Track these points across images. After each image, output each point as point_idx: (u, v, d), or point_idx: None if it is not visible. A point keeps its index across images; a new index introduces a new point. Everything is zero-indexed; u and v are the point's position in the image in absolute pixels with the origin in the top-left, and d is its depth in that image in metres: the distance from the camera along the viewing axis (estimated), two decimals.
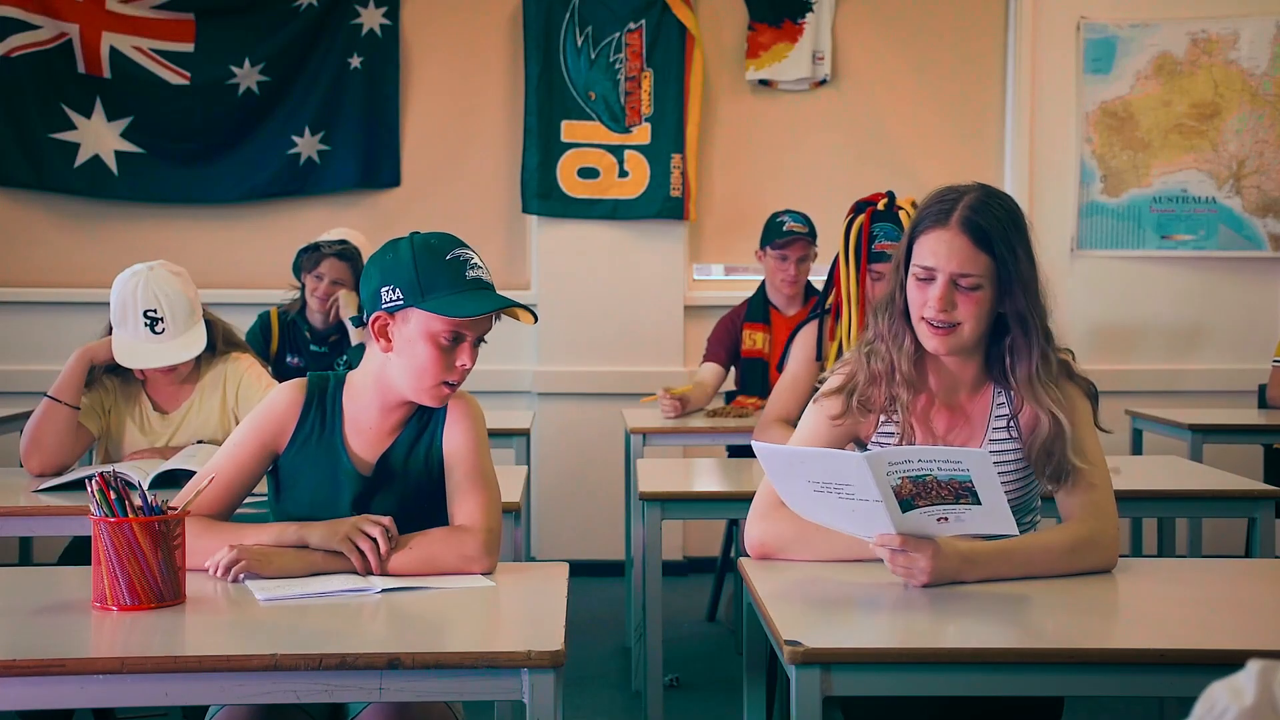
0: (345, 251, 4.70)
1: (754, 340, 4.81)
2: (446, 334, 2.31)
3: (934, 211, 2.35)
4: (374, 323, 2.34)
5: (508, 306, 2.33)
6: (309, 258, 4.71)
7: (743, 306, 4.90)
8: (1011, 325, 2.37)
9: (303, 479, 2.40)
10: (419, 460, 2.40)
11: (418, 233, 2.36)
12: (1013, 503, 2.27)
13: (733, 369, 4.85)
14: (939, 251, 2.32)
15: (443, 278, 2.30)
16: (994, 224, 2.31)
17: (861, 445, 2.46)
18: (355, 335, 4.60)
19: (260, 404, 2.45)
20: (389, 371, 2.37)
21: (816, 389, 2.51)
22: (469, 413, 2.43)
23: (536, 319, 2.37)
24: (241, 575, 2.22)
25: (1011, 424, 2.41)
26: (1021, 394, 2.37)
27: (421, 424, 2.42)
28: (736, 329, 4.85)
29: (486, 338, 2.37)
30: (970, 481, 2.08)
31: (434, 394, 2.35)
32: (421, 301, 2.29)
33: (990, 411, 2.43)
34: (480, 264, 2.35)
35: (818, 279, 4.42)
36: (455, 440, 2.40)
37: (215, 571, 2.23)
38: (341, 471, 2.38)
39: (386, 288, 2.31)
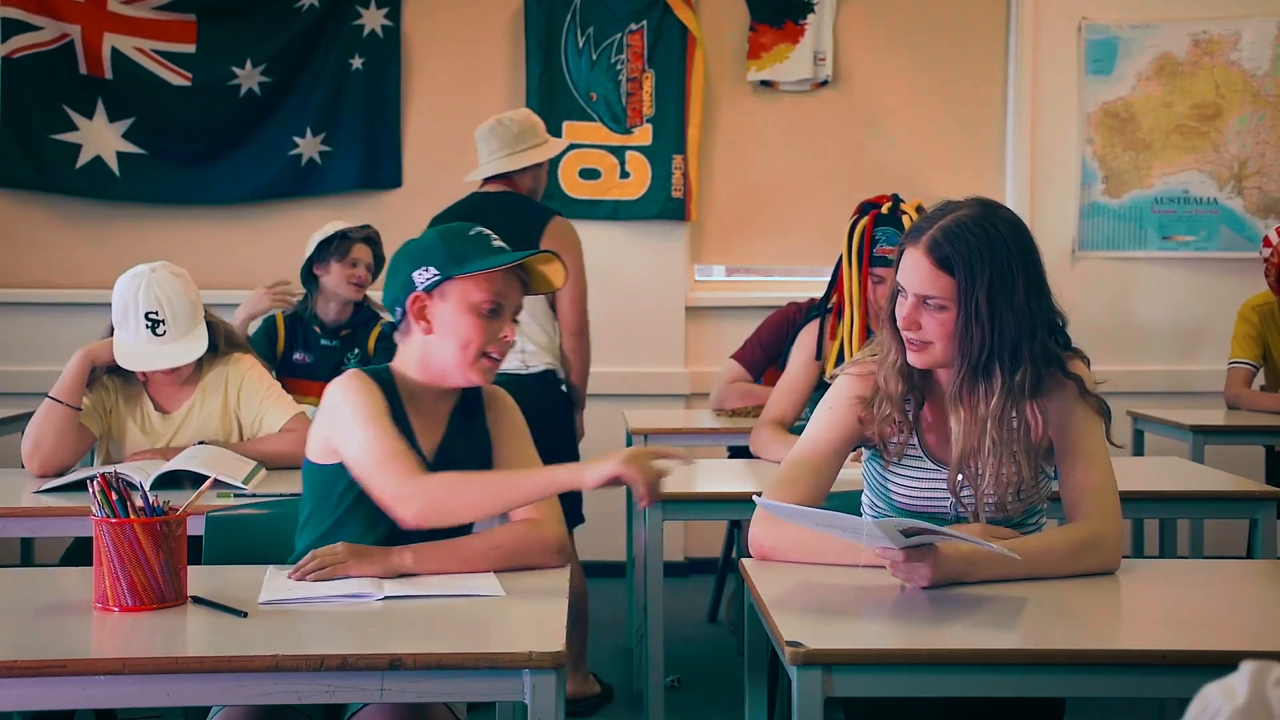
0: (371, 236, 4.70)
1: None
2: (487, 302, 2.34)
3: (915, 228, 2.35)
4: (412, 305, 2.35)
5: (541, 253, 2.39)
6: (340, 245, 4.63)
7: None
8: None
9: None
10: (474, 449, 2.43)
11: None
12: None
13: None
14: (908, 270, 2.33)
15: (472, 248, 2.36)
16: (960, 249, 2.26)
17: (868, 445, 2.47)
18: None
19: (353, 399, 2.31)
20: (430, 355, 2.37)
21: (820, 386, 2.51)
22: (506, 403, 2.49)
23: (569, 273, 2.45)
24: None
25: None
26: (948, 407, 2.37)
27: (466, 413, 2.45)
28: None
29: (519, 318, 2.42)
30: None
31: (479, 367, 2.37)
32: (459, 269, 2.33)
33: None
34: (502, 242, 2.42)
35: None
36: (503, 431, 2.46)
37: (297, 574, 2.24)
38: None
39: (419, 270, 2.35)
